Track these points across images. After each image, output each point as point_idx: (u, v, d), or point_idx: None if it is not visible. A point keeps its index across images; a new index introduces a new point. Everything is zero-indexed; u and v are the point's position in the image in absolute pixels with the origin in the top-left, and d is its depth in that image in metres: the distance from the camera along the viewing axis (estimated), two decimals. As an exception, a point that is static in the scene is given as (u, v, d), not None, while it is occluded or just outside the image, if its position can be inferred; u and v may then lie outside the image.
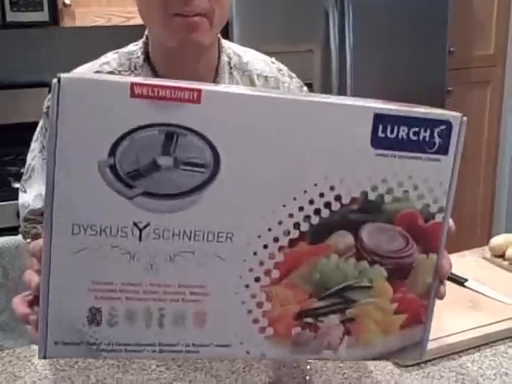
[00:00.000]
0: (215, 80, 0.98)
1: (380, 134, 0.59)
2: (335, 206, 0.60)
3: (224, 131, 0.56)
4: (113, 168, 0.55)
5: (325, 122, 0.58)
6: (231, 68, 1.01)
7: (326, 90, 2.19)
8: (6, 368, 0.88)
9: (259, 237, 0.59)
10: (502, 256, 1.19)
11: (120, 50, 0.97)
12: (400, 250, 0.62)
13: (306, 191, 0.59)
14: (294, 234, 0.60)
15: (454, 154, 0.62)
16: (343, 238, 0.61)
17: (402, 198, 0.61)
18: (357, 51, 2.21)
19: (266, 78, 1.03)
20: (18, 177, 1.95)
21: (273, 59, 1.09)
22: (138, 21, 0.95)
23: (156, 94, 0.55)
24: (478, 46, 2.67)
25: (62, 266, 0.56)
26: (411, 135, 0.60)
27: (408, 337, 0.65)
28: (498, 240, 1.22)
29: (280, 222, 0.59)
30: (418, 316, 0.65)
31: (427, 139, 0.60)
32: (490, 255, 1.21)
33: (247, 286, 0.60)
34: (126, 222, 0.56)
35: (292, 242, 0.60)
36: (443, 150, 0.61)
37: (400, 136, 0.60)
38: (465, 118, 0.61)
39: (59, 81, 0.53)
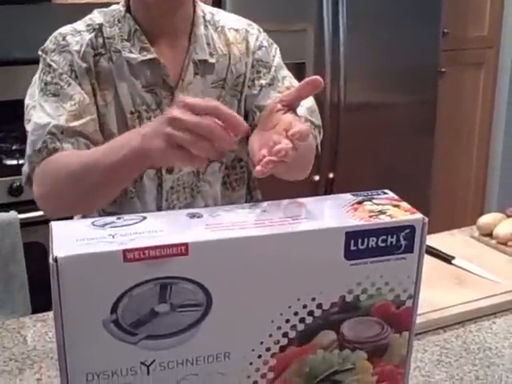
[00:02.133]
0: (192, 30, 1.09)
1: (352, 248, 0.65)
2: (317, 313, 0.67)
3: (212, 274, 0.62)
4: (116, 322, 0.60)
5: (302, 247, 0.64)
6: (206, 22, 1.12)
7: (319, 69, 2.17)
8: None
9: (253, 350, 0.66)
10: (490, 235, 1.24)
11: (104, 9, 1.11)
12: (377, 334, 0.70)
13: (290, 306, 0.65)
14: (284, 341, 0.67)
15: (419, 250, 0.68)
16: (327, 336, 0.68)
17: (375, 294, 0.68)
18: (350, 31, 2.18)
19: (236, 30, 1.15)
20: (11, 154, 1.97)
21: (244, 18, 1.18)
22: None
23: (147, 255, 0.59)
24: (472, 27, 2.62)
25: (82, 406, 0.63)
26: (380, 243, 0.66)
27: (389, 399, 0.74)
28: (485, 219, 1.28)
29: (270, 335, 0.66)
30: (397, 381, 0.74)
31: (394, 243, 0.67)
32: (478, 234, 1.27)
33: (247, 390, 0.68)
34: (134, 363, 0.62)
35: (282, 348, 0.67)
36: (409, 249, 0.68)
37: (370, 245, 0.66)
38: (426, 220, 0.67)
39: (56, 260, 0.57)
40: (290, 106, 0.83)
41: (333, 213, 0.68)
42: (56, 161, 0.98)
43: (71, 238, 0.60)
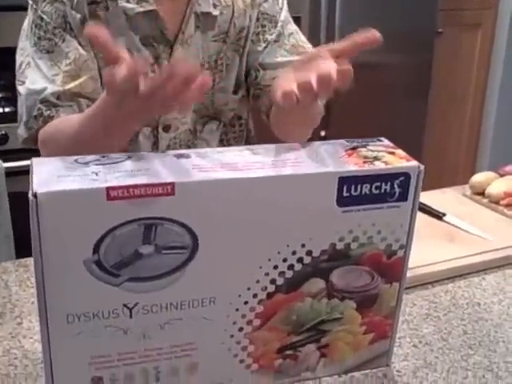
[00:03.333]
0: None
1: (345, 194, 0.63)
2: (307, 260, 0.65)
3: (199, 215, 0.59)
4: (98, 263, 0.58)
5: (293, 192, 0.61)
6: None
7: (315, 26, 2.11)
8: None
9: (240, 296, 0.64)
10: (482, 194, 1.22)
11: None
12: (366, 284, 0.69)
13: (279, 252, 0.64)
14: (271, 288, 0.65)
15: (413, 198, 0.66)
16: (315, 284, 0.67)
17: (366, 243, 0.66)
18: (347, -13, 2.12)
19: None
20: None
21: None
22: None
23: (131, 193, 0.57)
24: (471, -14, 2.56)
25: (62, 348, 0.61)
26: (373, 190, 0.64)
27: (376, 349, 0.73)
28: (478, 177, 1.26)
29: (258, 281, 0.64)
30: (385, 333, 0.73)
31: (388, 190, 0.65)
32: (470, 193, 1.24)
33: (232, 336, 0.66)
34: (116, 305, 0.60)
35: (270, 295, 0.65)
36: (403, 197, 0.65)
37: (363, 192, 0.64)
38: (422, 167, 0.65)
39: (35, 196, 0.55)
40: (339, 58, 0.73)
41: (326, 158, 0.65)
42: (53, 130, 0.95)
43: (52, 174, 0.57)
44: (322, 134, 2.26)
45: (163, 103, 0.66)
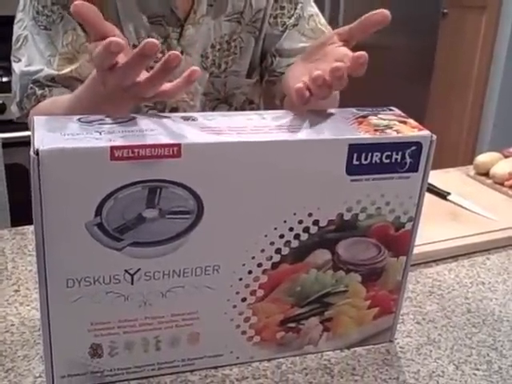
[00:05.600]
0: None
1: (355, 162, 0.61)
2: (313, 230, 0.63)
3: (205, 179, 0.57)
4: (100, 226, 0.56)
5: (301, 158, 0.60)
6: None
7: (318, 5, 2.08)
8: None
9: (244, 265, 0.63)
10: (486, 174, 1.21)
11: None
12: (373, 257, 0.67)
13: (285, 221, 0.62)
14: (276, 258, 0.63)
15: (424, 170, 0.64)
16: (321, 255, 0.65)
17: (374, 214, 0.65)
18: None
19: None
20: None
21: None
22: None
23: (136, 154, 0.55)
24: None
25: (61, 314, 0.59)
26: (384, 159, 0.62)
27: (380, 325, 0.72)
28: (483, 158, 1.24)
29: (262, 250, 0.63)
30: (389, 308, 0.71)
31: (399, 160, 0.63)
32: (474, 173, 1.23)
33: (235, 307, 0.65)
34: (118, 270, 0.59)
35: (274, 265, 0.64)
36: (414, 168, 0.64)
37: (373, 161, 0.62)
38: (434, 137, 0.63)
39: (37, 153, 0.53)
40: (348, 42, 0.72)
41: (336, 125, 0.63)
42: (43, 110, 0.91)
43: (55, 132, 0.55)
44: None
45: (145, 89, 0.64)
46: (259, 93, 1.10)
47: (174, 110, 1.00)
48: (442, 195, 1.12)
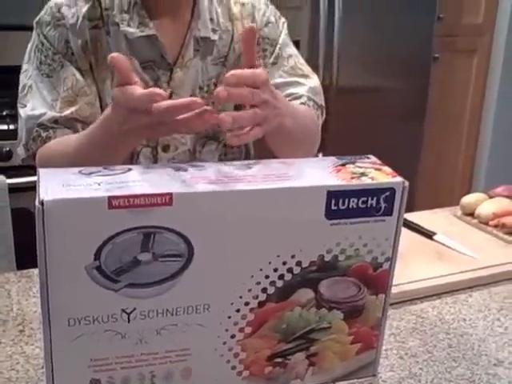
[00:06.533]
0: (195, 3, 1.05)
1: (333, 208, 0.67)
2: (296, 270, 0.68)
3: (195, 225, 0.63)
4: (99, 268, 0.62)
5: (284, 204, 0.65)
6: None
7: (313, 48, 2.18)
8: None
9: (232, 304, 0.68)
10: (472, 214, 1.26)
11: None
12: (353, 295, 0.72)
13: (270, 262, 0.67)
14: (262, 297, 0.68)
15: (398, 213, 0.70)
16: (305, 294, 0.70)
17: (353, 255, 0.70)
18: (345, 11, 2.20)
19: (242, 4, 1.11)
20: (1, 119, 1.96)
21: None
22: None
23: (132, 203, 0.60)
24: (467, 13, 2.63)
25: (63, 351, 0.64)
26: (360, 204, 0.68)
27: (363, 359, 0.76)
28: (468, 199, 1.30)
29: (249, 290, 0.68)
30: (371, 343, 0.76)
31: (374, 205, 0.68)
32: (460, 213, 1.28)
33: (224, 343, 0.69)
34: (115, 309, 0.64)
35: (261, 303, 0.69)
36: (388, 211, 0.69)
37: (351, 206, 0.67)
38: (406, 183, 0.69)
39: (42, 204, 0.58)
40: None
41: (316, 173, 0.69)
42: (50, 151, 0.99)
43: (58, 184, 0.61)
44: (320, 155, 2.31)
45: (176, 128, 0.73)
46: None
47: (167, 147, 1.07)
48: (428, 235, 1.17)
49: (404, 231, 1.18)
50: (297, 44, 2.20)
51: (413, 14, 2.39)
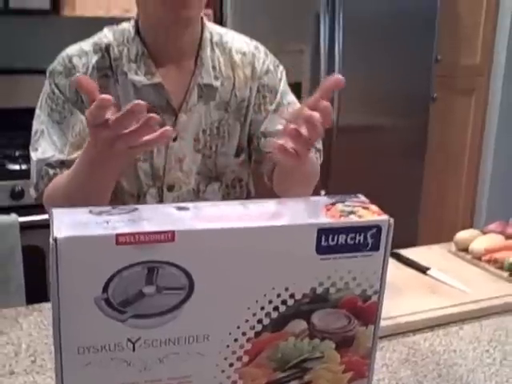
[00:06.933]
0: (198, 53, 1.12)
1: (323, 244, 0.72)
2: (290, 302, 0.73)
3: (195, 260, 0.68)
4: (107, 300, 0.67)
5: (278, 241, 0.71)
6: (213, 44, 1.15)
7: (315, 90, 2.25)
8: None
9: (230, 334, 0.73)
10: (466, 250, 1.32)
11: (114, 27, 1.14)
12: (344, 326, 0.77)
13: (265, 294, 0.72)
14: (258, 327, 0.73)
15: (384, 248, 0.75)
16: (298, 325, 0.75)
17: (343, 288, 0.75)
18: (345, 54, 2.28)
19: (243, 53, 1.18)
20: (14, 159, 2.06)
21: (252, 40, 1.22)
22: (135, 13, 1.10)
23: (137, 239, 0.66)
24: (464, 55, 2.72)
25: (73, 377, 0.69)
26: (349, 240, 0.73)
27: (355, 387, 0.81)
28: (462, 235, 1.36)
29: (246, 321, 0.73)
30: (362, 372, 0.80)
31: (362, 241, 0.74)
32: (455, 249, 1.34)
33: (223, 371, 0.74)
34: (121, 339, 0.69)
35: (257, 334, 0.73)
36: (375, 247, 0.74)
37: (340, 242, 0.73)
38: (391, 220, 0.74)
39: (56, 240, 0.64)
40: (315, 109, 0.85)
41: (308, 211, 0.75)
42: (54, 186, 1.06)
43: (70, 222, 0.67)
44: (322, 193, 2.37)
45: (128, 140, 0.78)
46: (247, 171, 1.23)
47: (171, 186, 1.14)
48: (423, 270, 1.21)
49: (399, 266, 1.24)
50: (299, 86, 2.30)
51: (411, 56, 2.47)
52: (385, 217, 0.75)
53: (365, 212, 0.76)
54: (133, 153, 0.82)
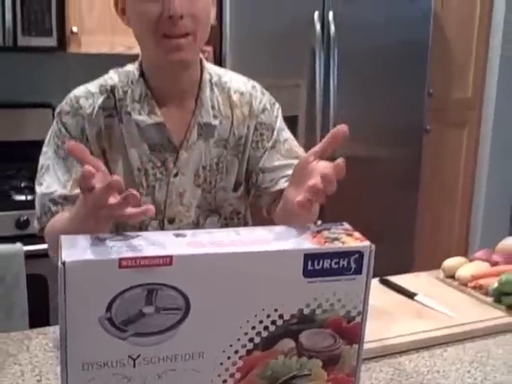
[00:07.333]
0: (198, 93, 1.19)
1: (309, 268, 0.78)
2: (279, 322, 0.79)
3: (192, 283, 0.74)
4: (110, 319, 0.73)
5: (267, 265, 0.77)
6: (212, 85, 1.22)
7: (311, 122, 2.36)
8: (2, 347, 1.05)
9: (224, 352, 0.78)
10: (453, 277, 1.38)
11: (120, 69, 1.21)
12: (330, 345, 0.82)
13: (256, 315, 0.78)
14: (250, 346, 0.79)
15: (367, 272, 0.81)
16: (287, 343, 0.81)
17: (329, 309, 0.81)
18: (340, 88, 2.37)
19: (241, 93, 1.24)
20: (20, 190, 2.14)
21: (249, 79, 1.28)
22: (139, 50, 1.17)
23: (138, 263, 0.72)
24: (456, 89, 2.81)
25: (77, 392, 0.75)
26: (333, 264, 0.79)
27: (341, 404, 0.86)
28: (450, 262, 1.42)
29: (238, 339, 0.78)
30: (348, 389, 0.86)
31: (345, 265, 0.80)
32: (442, 276, 1.40)
33: (217, 387, 0.80)
34: (123, 356, 0.75)
35: (248, 352, 0.79)
36: (358, 271, 0.81)
37: (325, 266, 0.79)
38: (373, 246, 0.81)
39: (64, 264, 0.70)
40: (321, 158, 0.94)
41: (296, 238, 0.81)
42: (54, 223, 1.13)
43: (77, 248, 0.73)
44: (319, 222, 2.43)
45: (111, 210, 0.84)
46: (245, 205, 1.29)
47: (172, 219, 1.20)
48: (410, 296, 1.27)
49: (389, 292, 1.30)
50: (295, 119, 2.37)
51: (404, 90, 2.56)
52: (366, 243, 0.81)
53: (348, 238, 0.82)
54: (118, 219, 0.88)
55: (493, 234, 2.89)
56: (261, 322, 0.78)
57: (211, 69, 1.24)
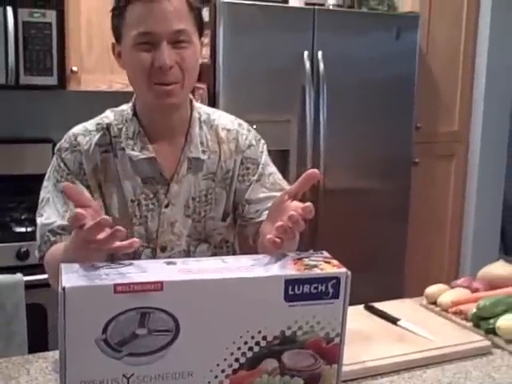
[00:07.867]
0: (188, 130, 1.27)
1: (290, 292, 0.85)
2: (263, 343, 0.86)
3: (181, 306, 0.81)
4: (105, 341, 0.79)
5: (251, 290, 0.84)
6: (201, 122, 1.30)
7: (302, 156, 2.43)
8: (3, 371, 1.10)
9: (211, 371, 0.85)
10: (435, 303, 1.44)
11: (115, 109, 1.30)
12: (311, 365, 0.89)
13: (241, 336, 0.85)
14: (236, 365, 0.85)
15: (344, 296, 0.88)
16: (270, 363, 0.87)
17: (309, 331, 0.87)
18: (330, 123, 2.45)
19: (228, 130, 1.32)
20: (20, 222, 2.21)
21: (236, 118, 1.37)
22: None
23: (132, 288, 0.79)
24: (443, 122, 2.89)
25: (75, 409, 0.81)
26: (312, 289, 0.86)
27: (322, 421, 0.92)
28: (431, 289, 1.48)
29: (225, 359, 0.85)
30: (329, 406, 0.92)
31: (323, 290, 0.87)
32: (425, 302, 1.46)
33: (205, 404, 0.86)
34: (117, 374, 0.81)
35: (234, 371, 0.85)
36: (335, 295, 0.87)
37: (304, 291, 0.86)
38: (349, 273, 0.88)
39: (64, 289, 0.77)
40: (294, 197, 1.03)
41: (277, 265, 0.88)
42: (52, 252, 1.19)
43: (75, 274, 0.80)
44: (311, 251, 2.49)
45: (99, 245, 0.91)
46: (233, 233, 1.36)
47: (164, 248, 1.26)
48: (393, 321, 1.33)
49: (373, 317, 1.36)
50: (287, 153, 2.46)
51: (392, 124, 2.64)
52: (343, 269, 0.88)
53: (326, 265, 0.89)
54: (108, 251, 0.95)
55: (482, 263, 2.95)
56: (246, 343, 0.85)
57: (200, 108, 1.33)
